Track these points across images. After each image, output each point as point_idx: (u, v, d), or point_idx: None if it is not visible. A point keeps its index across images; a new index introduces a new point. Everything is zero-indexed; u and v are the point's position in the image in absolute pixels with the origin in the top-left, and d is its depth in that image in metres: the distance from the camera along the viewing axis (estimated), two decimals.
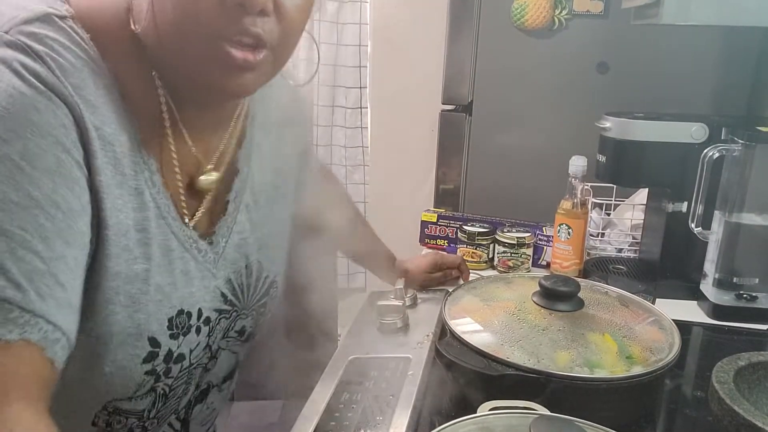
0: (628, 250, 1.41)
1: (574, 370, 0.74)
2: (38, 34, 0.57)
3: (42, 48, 0.57)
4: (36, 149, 0.54)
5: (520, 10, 1.48)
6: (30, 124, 0.54)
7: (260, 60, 0.62)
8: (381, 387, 0.77)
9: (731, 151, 1.11)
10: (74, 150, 0.57)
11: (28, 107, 0.55)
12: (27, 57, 0.56)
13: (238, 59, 0.60)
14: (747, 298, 1.12)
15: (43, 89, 0.56)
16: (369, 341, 0.89)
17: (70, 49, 0.59)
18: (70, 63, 0.58)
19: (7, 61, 0.55)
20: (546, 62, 1.52)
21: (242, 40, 0.60)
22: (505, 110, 1.58)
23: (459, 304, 0.90)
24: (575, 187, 1.23)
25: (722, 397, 0.68)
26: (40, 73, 0.56)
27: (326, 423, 0.71)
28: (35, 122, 0.55)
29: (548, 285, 0.85)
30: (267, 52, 0.62)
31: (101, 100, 0.60)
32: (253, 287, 0.79)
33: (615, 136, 1.21)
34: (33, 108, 0.55)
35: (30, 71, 0.56)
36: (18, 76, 0.55)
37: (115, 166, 0.61)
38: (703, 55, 1.46)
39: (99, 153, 0.60)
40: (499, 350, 0.77)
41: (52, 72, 0.57)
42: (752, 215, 1.11)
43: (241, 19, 0.58)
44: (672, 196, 1.20)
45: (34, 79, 0.56)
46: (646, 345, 0.80)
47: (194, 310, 0.71)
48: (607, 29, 1.48)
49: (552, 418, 0.63)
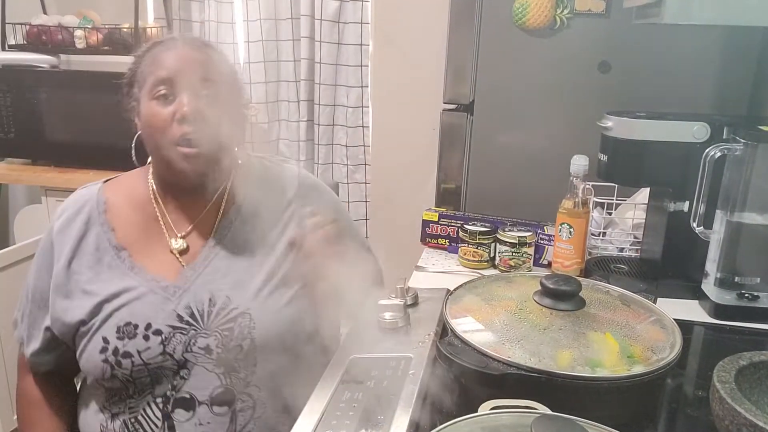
0: (630, 249, 1.41)
1: (576, 370, 0.74)
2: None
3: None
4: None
5: (521, 9, 1.48)
6: None
7: (195, 152, 0.99)
8: (382, 386, 0.77)
9: (733, 150, 1.11)
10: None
11: None
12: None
13: (183, 152, 0.99)
14: (748, 297, 1.12)
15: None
16: (370, 340, 0.89)
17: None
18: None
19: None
20: (547, 61, 1.52)
21: (182, 141, 0.99)
22: (507, 109, 1.58)
23: (460, 303, 0.90)
24: (577, 186, 1.23)
25: (723, 397, 0.68)
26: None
27: (327, 422, 0.71)
28: None
29: (549, 284, 0.85)
30: (199, 142, 0.98)
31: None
32: (214, 314, 1.02)
33: (616, 135, 1.21)
34: None
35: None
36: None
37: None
38: (705, 54, 1.45)
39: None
40: (500, 349, 0.77)
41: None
42: (754, 214, 1.10)
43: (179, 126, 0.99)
44: (673, 196, 1.20)
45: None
46: (648, 344, 0.80)
47: (142, 323, 1.00)
48: (609, 29, 1.48)
49: (553, 417, 0.63)
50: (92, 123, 2.07)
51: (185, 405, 1.00)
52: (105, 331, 1.00)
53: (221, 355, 1.00)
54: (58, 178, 2.08)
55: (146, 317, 1.00)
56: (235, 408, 1.00)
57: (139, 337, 0.99)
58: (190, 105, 0.98)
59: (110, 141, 2.05)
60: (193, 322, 1.01)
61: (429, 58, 2.04)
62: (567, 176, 1.24)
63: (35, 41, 2.17)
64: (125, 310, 1.01)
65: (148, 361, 0.99)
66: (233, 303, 1.02)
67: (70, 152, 2.12)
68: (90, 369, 1.02)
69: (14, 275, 1.91)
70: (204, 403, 1.00)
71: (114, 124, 1.13)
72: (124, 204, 1.10)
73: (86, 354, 1.02)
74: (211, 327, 1.01)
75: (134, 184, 1.12)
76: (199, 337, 1.00)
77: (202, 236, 1.09)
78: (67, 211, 1.09)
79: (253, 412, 1.01)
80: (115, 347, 0.99)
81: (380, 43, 2.22)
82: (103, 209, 1.08)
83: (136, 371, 0.99)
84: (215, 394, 1.00)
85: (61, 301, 1.04)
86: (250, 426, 1.01)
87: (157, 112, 1.00)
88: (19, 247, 1.98)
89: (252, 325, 1.01)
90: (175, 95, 1.00)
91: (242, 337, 1.01)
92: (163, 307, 1.01)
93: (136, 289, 1.02)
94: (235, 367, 1.01)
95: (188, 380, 1.00)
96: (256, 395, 1.02)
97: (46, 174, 2.11)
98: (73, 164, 2.13)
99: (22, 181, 2.24)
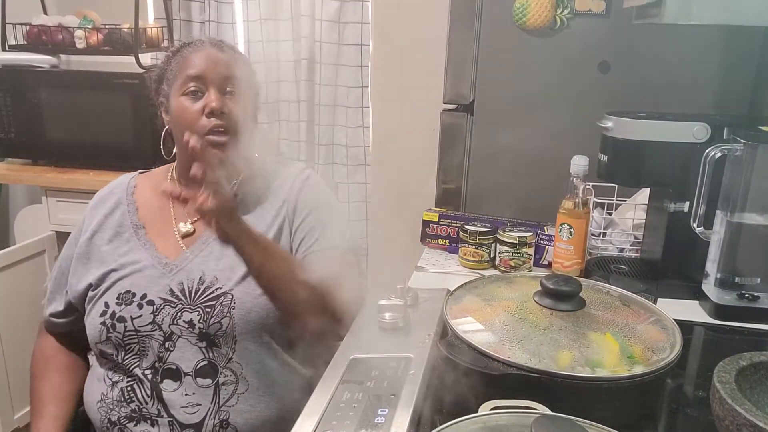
0: (630, 249, 1.41)
1: (576, 370, 0.74)
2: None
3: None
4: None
5: (521, 9, 1.48)
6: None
7: (224, 140, 1.11)
8: (382, 386, 0.77)
9: (733, 150, 1.11)
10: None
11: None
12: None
13: (212, 140, 1.11)
14: (749, 297, 1.12)
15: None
16: (370, 341, 0.89)
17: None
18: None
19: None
20: (547, 62, 1.52)
21: (212, 132, 1.11)
22: (507, 110, 1.58)
23: (460, 303, 0.90)
24: (577, 186, 1.23)
25: (724, 397, 0.68)
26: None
27: (327, 422, 0.71)
28: None
29: (550, 285, 0.85)
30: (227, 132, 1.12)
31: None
32: (201, 291, 1.11)
33: (616, 135, 1.21)
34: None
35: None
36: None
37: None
38: (705, 54, 1.45)
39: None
40: (500, 350, 0.77)
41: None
42: (754, 215, 1.10)
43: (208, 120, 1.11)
44: (674, 196, 1.20)
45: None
46: (648, 345, 0.80)
47: (139, 292, 1.11)
48: (609, 29, 1.48)
49: (553, 417, 0.63)
50: (93, 123, 2.07)
51: (172, 376, 1.09)
52: (108, 297, 1.13)
53: (203, 330, 1.09)
54: (59, 178, 2.08)
55: (143, 288, 1.12)
56: (218, 381, 1.08)
57: (134, 305, 1.11)
58: (218, 100, 1.11)
59: (111, 141, 2.06)
60: (182, 297, 1.11)
61: (429, 59, 2.03)
62: (567, 176, 1.24)
63: (35, 41, 2.16)
64: (127, 280, 1.13)
65: (138, 328, 1.09)
66: (219, 283, 1.11)
67: (71, 152, 2.11)
68: (90, 331, 1.13)
69: (15, 275, 1.91)
70: (189, 374, 1.08)
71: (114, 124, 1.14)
72: (149, 189, 1.25)
73: (90, 317, 1.14)
74: (196, 303, 1.10)
75: (160, 175, 1.27)
76: (185, 311, 1.10)
77: (209, 223, 1.11)
78: (102, 192, 1.27)
79: (236, 387, 1.09)
80: (113, 311, 1.11)
81: (380, 43, 2.22)
82: (132, 192, 1.24)
83: (127, 336, 1.10)
84: (199, 366, 1.08)
85: (80, 267, 1.18)
86: (233, 400, 1.09)
87: (188, 106, 1.12)
88: (19, 247, 1.98)
89: (232, 305, 1.10)
90: (203, 92, 1.12)
91: (222, 315, 1.09)
92: (159, 281, 1.12)
93: (140, 262, 1.15)
94: (216, 343, 1.09)
95: (173, 352, 1.09)
96: (238, 371, 1.09)
97: (47, 174, 2.11)
98: (73, 164, 2.13)
99: (22, 181, 2.24)
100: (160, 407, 1.08)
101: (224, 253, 1.12)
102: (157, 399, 1.08)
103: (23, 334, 1.78)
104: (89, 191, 1.88)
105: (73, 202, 2.06)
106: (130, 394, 1.10)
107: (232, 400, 1.09)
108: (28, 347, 1.29)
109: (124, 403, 1.10)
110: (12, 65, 2.12)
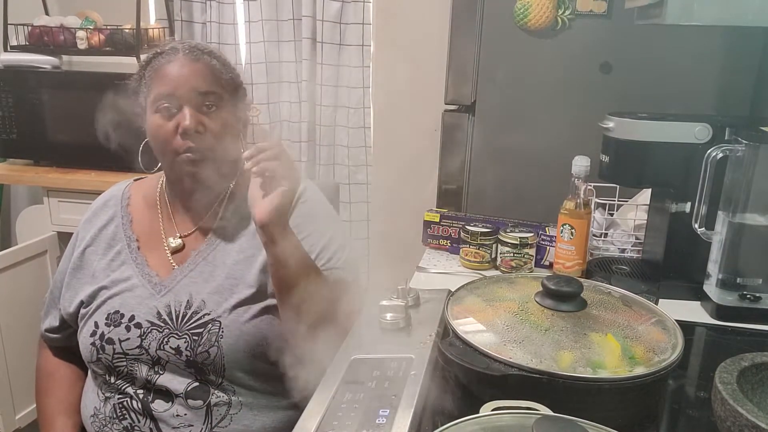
0: (631, 250, 1.41)
1: (577, 371, 0.74)
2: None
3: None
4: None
5: (523, 10, 1.48)
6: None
7: (199, 160, 1.04)
8: (383, 387, 0.77)
9: (735, 151, 1.11)
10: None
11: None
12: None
13: (186, 159, 1.05)
14: (750, 298, 1.12)
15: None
16: (371, 341, 0.89)
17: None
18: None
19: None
20: (549, 62, 1.52)
21: (186, 149, 1.04)
22: (508, 110, 1.58)
23: (462, 304, 0.90)
24: (578, 187, 1.23)
25: (725, 398, 0.68)
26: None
27: (328, 423, 0.71)
28: None
29: (551, 285, 0.85)
30: (202, 153, 1.05)
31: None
32: (188, 316, 1.07)
33: (618, 136, 1.21)
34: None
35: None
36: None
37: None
38: (707, 55, 1.45)
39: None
40: (501, 350, 0.77)
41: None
42: (756, 215, 1.10)
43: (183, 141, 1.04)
44: (675, 197, 1.20)
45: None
46: (649, 345, 0.80)
47: (127, 313, 1.08)
48: (611, 29, 1.48)
49: (555, 418, 0.63)
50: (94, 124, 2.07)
51: (163, 397, 1.06)
52: (97, 316, 1.10)
53: (190, 359, 1.05)
54: (60, 178, 2.08)
55: (132, 309, 1.09)
56: (210, 402, 1.06)
57: (122, 326, 1.08)
58: (191, 119, 1.03)
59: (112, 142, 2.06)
60: (169, 322, 1.07)
61: (430, 59, 2.03)
62: (568, 177, 1.24)
63: (37, 42, 2.17)
64: (117, 299, 1.10)
65: (126, 351, 1.07)
66: (207, 308, 1.07)
67: (72, 153, 2.12)
68: (83, 349, 1.11)
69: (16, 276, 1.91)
70: (179, 395, 1.06)
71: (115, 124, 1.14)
72: (141, 201, 1.20)
73: (82, 335, 1.12)
74: (183, 329, 1.06)
75: (153, 184, 1.21)
76: (172, 337, 1.06)
77: (201, 238, 1.13)
78: (96, 204, 1.22)
79: (229, 409, 1.07)
80: (102, 332, 1.08)
81: (381, 44, 2.22)
82: (127, 203, 1.20)
83: (116, 358, 1.07)
84: (190, 389, 1.06)
85: (73, 282, 1.15)
86: (225, 421, 1.06)
87: (161, 125, 1.06)
88: (20, 247, 1.98)
89: (220, 334, 1.05)
90: (177, 108, 1.04)
91: (210, 344, 1.05)
92: (147, 302, 1.09)
93: (130, 280, 1.11)
94: (205, 371, 1.05)
95: (163, 375, 1.06)
96: (230, 392, 1.07)
97: (48, 175, 2.11)
98: (75, 165, 2.13)
99: (24, 181, 2.24)
100: (153, 426, 1.06)
101: (213, 275, 1.09)
102: (150, 418, 1.06)
103: (25, 335, 1.78)
104: (91, 192, 1.88)
105: (74, 203, 2.06)
106: (122, 411, 1.08)
107: (224, 420, 1.07)
108: (30, 347, 1.30)
109: (117, 420, 1.08)
110: (14, 66, 2.13)
